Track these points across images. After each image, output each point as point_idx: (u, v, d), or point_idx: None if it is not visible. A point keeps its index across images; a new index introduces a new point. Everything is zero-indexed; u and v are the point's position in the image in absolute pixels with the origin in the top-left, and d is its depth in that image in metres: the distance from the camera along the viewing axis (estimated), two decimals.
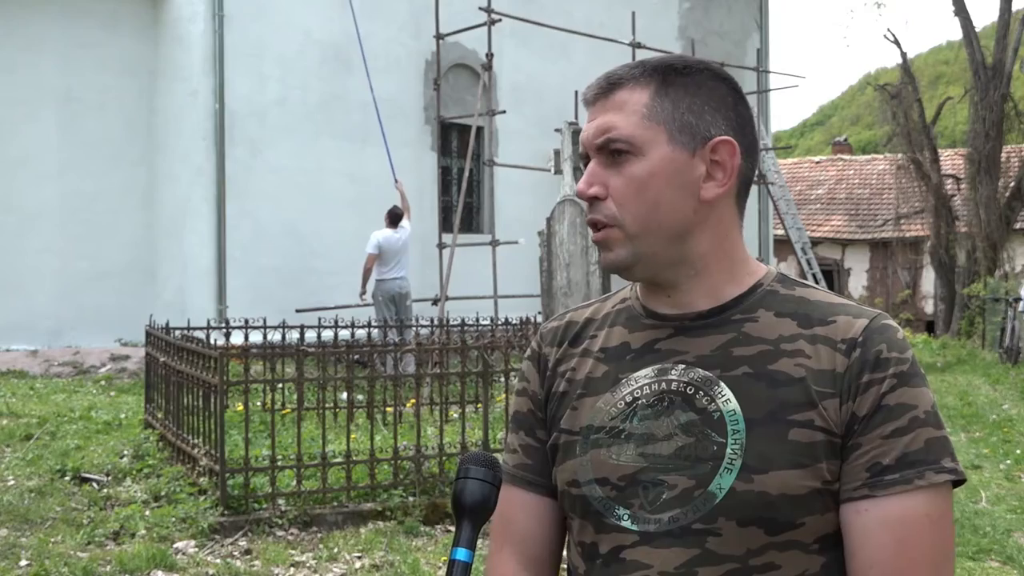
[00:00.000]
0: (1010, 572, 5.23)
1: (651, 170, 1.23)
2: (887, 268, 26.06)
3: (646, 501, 1.21)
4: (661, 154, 1.24)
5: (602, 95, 1.28)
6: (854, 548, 1.17)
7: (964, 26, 19.76)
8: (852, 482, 1.17)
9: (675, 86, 1.26)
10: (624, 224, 1.24)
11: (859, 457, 1.17)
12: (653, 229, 1.24)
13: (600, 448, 1.26)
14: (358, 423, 7.03)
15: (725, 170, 1.26)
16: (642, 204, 1.24)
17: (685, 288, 1.28)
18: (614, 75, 1.29)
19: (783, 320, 1.25)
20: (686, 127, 1.24)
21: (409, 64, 13.36)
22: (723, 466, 1.18)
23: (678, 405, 1.23)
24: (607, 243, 1.26)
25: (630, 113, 1.24)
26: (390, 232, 11.12)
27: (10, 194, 11.22)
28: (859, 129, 49.01)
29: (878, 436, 1.17)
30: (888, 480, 1.16)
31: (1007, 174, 19.92)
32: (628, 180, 1.24)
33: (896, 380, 1.19)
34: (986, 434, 9.06)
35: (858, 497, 1.17)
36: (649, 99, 1.25)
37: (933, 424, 1.19)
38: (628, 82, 1.27)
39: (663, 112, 1.24)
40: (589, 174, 1.27)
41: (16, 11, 11.33)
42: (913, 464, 1.16)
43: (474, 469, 1.15)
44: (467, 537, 1.12)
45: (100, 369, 10.87)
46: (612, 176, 1.25)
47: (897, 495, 1.15)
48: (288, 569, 4.83)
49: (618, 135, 1.24)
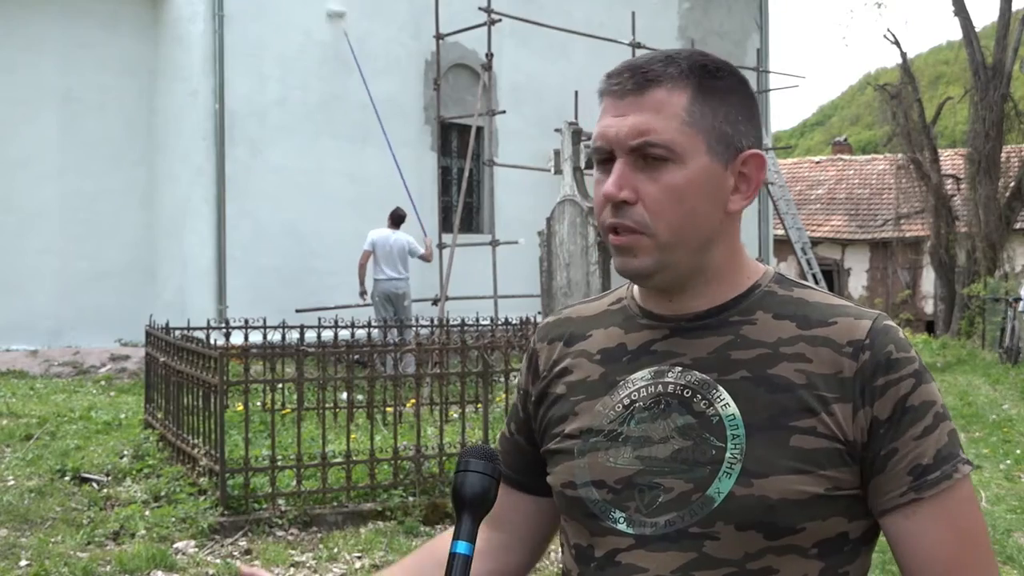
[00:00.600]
0: (1010, 572, 5.24)
1: (689, 180, 1.19)
2: (887, 268, 26.06)
3: (642, 504, 1.21)
4: (700, 164, 1.20)
5: (635, 91, 1.21)
6: (911, 551, 1.18)
7: (964, 26, 19.76)
8: (896, 488, 1.17)
9: (711, 92, 1.22)
10: (656, 233, 1.20)
11: (898, 463, 1.17)
12: (684, 239, 1.21)
13: (598, 451, 1.25)
14: (358, 423, 7.02)
15: (750, 183, 1.25)
16: (678, 214, 1.19)
17: (690, 293, 1.26)
18: (647, 70, 1.22)
19: (782, 322, 1.24)
20: (723, 138, 1.22)
21: (409, 64, 13.36)
22: (722, 470, 1.17)
23: (675, 408, 1.22)
24: (632, 249, 1.22)
25: (669, 117, 1.19)
26: (387, 232, 11.12)
27: (10, 194, 11.23)
28: (859, 129, 49.02)
29: (911, 438, 1.17)
30: (932, 480, 1.17)
31: (1007, 174, 19.92)
32: (665, 188, 1.19)
33: (914, 379, 1.19)
34: (986, 434, 9.06)
35: (906, 502, 1.17)
36: (688, 103, 1.20)
37: (948, 416, 1.21)
38: (665, 81, 1.21)
39: (703, 120, 1.20)
40: (619, 176, 1.20)
41: (16, 11, 11.33)
42: (947, 459, 1.18)
43: (474, 462, 1.14)
44: (467, 530, 1.11)
45: (100, 369, 10.87)
46: (645, 181, 1.20)
47: (943, 491, 1.17)
48: (288, 569, 4.83)
49: (658, 140, 1.19)
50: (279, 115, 12.14)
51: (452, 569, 1.08)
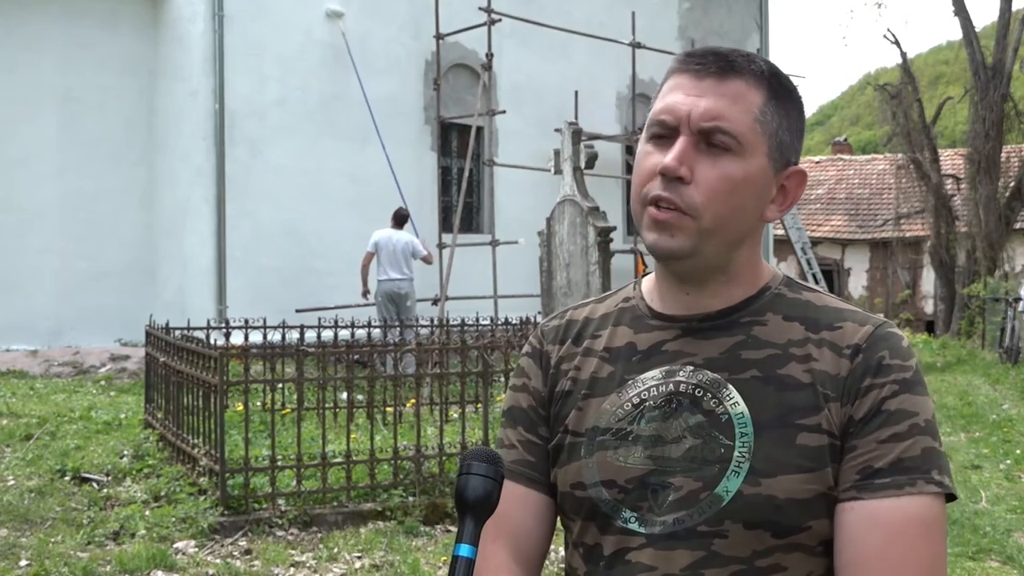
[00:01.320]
0: (1010, 572, 5.23)
1: (746, 175, 1.21)
2: (887, 268, 26.05)
3: (655, 504, 1.21)
4: (759, 164, 1.22)
5: (717, 75, 1.22)
6: (841, 546, 1.17)
7: (964, 26, 19.75)
8: (843, 483, 1.17)
9: (782, 99, 1.24)
10: (701, 217, 1.20)
11: (852, 459, 1.17)
12: (725, 232, 1.22)
13: (606, 450, 1.25)
14: (358, 423, 7.02)
15: (787, 197, 1.27)
16: (727, 204, 1.20)
17: (709, 291, 1.27)
18: (731, 58, 1.23)
19: (791, 324, 1.25)
20: (782, 146, 1.24)
21: (409, 64, 13.36)
22: (730, 469, 1.18)
23: (686, 407, 1.23)
24: (670, 227, 1.21)
25: (744, 110, 1.21)
26: (391, 232, 11.12)
27: (10, 194, 11.23)
28: (859, 129, 49.04)
29: (874, 440, 1.17)
30: (878, 484, 1.15)
31: (1007, 174, 19.92)
32: (724, 176, 1.20)
33: (898, 386, 1.19)
34: (986, 434, 9.06)
35: (847, 499, 1.16)
36: (763, 103, 1.22)
37: (931, 435, 1.18)
38: (746, 74, 1.22)
39: (771, 123, 1.22)
40: (681, 152, 1.20)
41: (16, 11, 11.33)
42: (907, 471, 1.15)
43: (477, 465, 1.13)
44: (470, 533, 1.11)
45: (100, 369, 10.87)
46: (703, 164, 1.20)
47: (886, 498, 1.15)
48: (288, 569, 4.82)
49: (731, 128, 1.20)
50: (279, 115, 12.14)
51: (455, 572, 1.08)
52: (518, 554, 1.33)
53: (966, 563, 5.25)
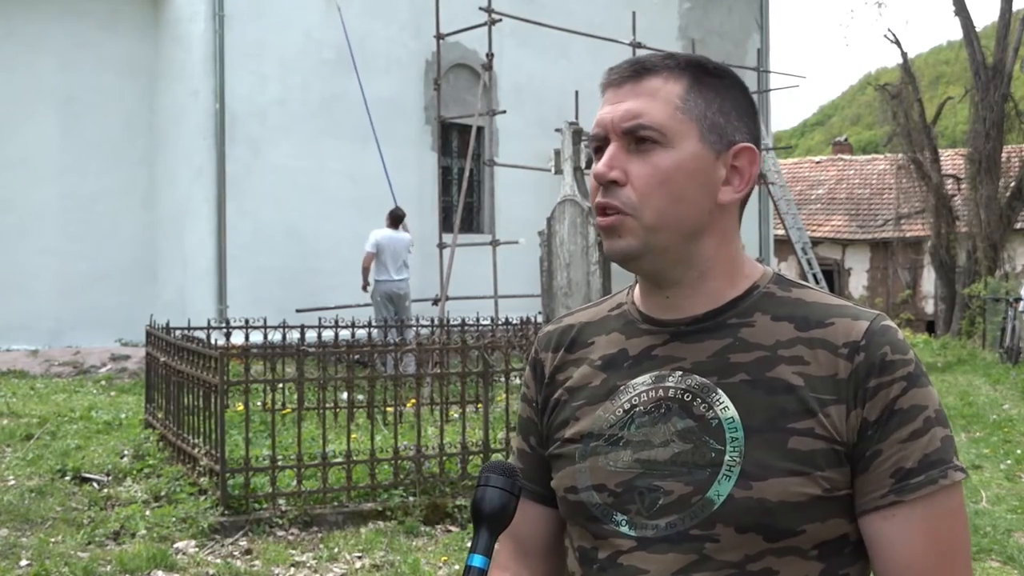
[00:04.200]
0: (1010, 572, 5.23)
1: (678, 163, 1.21)
2: (887, 268, 26.06)
3: (643, 507, 1.21)
4: (691, 150, 1.22)
5: (631, 79, 1.25)
6: (886, 553, 1.18)
7: (964, 26, 19.75)
8: (877, 490, 1.17)
9: (707, 86, 1.25)
10: (642, 214, 1.21)
11: (881, 464, 1.17)
12: (670, 223, 1.22)
13: (599, 455, 1.26)
14: (358, 423, 7.02)
15: (743, 177, 1.26)
16: (664, 196, 1.21)
17: (687, 291, 1.27)
18: (644, 61, 1.27)
19: (780, 324, 1.24)
20: (716, 128, 1.24)
21: (409, 64, 13.36)
22: (721, 473, 1.18)
23: (675, 412, 1.23)
24: (617, 230, 1.23)
25: (663, 103, 1.22)
26: (391, 232, 11.13)
27: (10, 194, 11.23)
28: (859, 129, 49.04)
29: (896, 440, 1.17)
30: (914, 483, 1.16)
31: (1007, 174, 19.91)
32: (654, 170, 1.21)
33: (906, 382, 1.18)
34: (986, 434, 9.06)
35: (886, 504, 1.17)
36: (683, 92, 1.23)
37: (943, 423, 1.20)
38: (661, 71, 1.25)
39: (696, 108, 1.23)
40: (610, 157, 1.23)
41: (16, 11, 11.34)
42: (935, 464, 1.17)
43: (494, 478, 1.16)
44: (484, 544, 1.12)
45: (100, 369, 10.87)
46: (634, 163, 1.22)
47: (925, 496, 1.16)
48: (288, 569, 4.82)
49: (650, 122, 1.21)
50: (279, 115, 12.14)
51: None
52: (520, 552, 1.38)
53: None
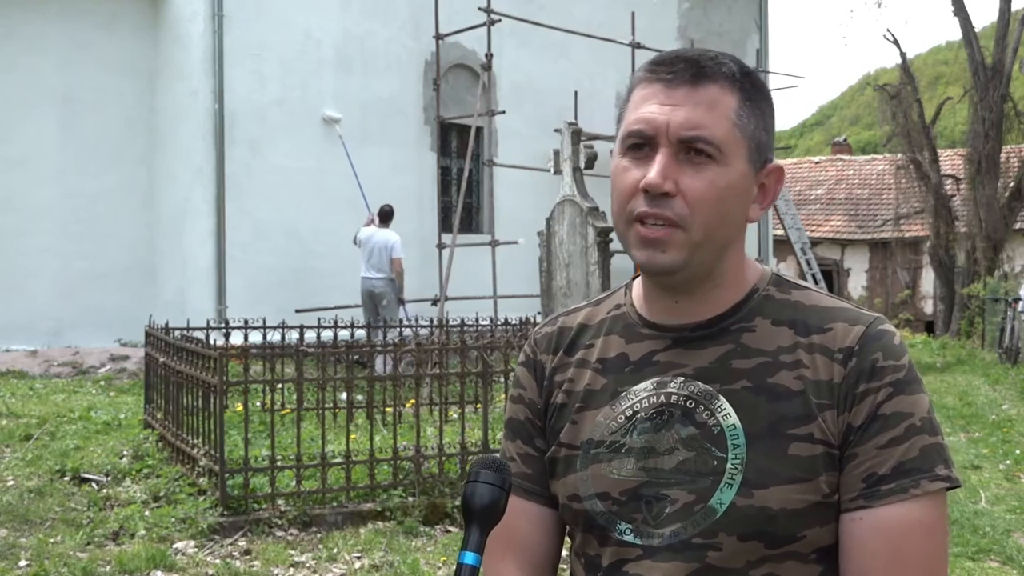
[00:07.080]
0: (1010, 572, 5.24)
1: (730, 182, 1.19)
2: (887, 268, 26.05)
3: (649, 516, 1.21)
4: (740, 169, 1.20)
5: (688, 82, 1.19)
6: (848, 556, 1.17)
7: (964, 26, 19.74)
8: (849, 493, 1.17)
9: (754, 102, 1.22)
10: (692, 229, 1.18)
11: (855, 468, 1.17)
12: (714, 240, 1.20)
13: (600, 463, 1.25)
14: (357, 423, 7.03)
15: (767, 195, 1.26)
16: (715, 213, 1.18)
17: (698, 297, 1.26)
18: (699, 62, 1.21)
19: (780, 329, 1.24)
20: (760, 146, 1.22)
21: (409, 64, 13.35)
22: (723, 481, 1.18)
23: (678, 419, 1.22)
24: (663, 243, 1.19)
25: (722, 117, 1.19)
26: (374, 230, 11.10)
27: (10, 194, 11.23)
28: (859, 129, 49.05)
29: (874, 446, 1.17)
30: (884, 490, 1.15)
31: (1007, 174, 19.91)
32: (710, 186, 1.18)
33: (892, 389, 1.18)
34: (986, 434, 9.06)
35: (854, 508, 1.16)
36: (738, 106, 1.20)
37: (928, 431, 1.18)
38: (717, 78, 1.20)
39: (748, 126, 1.21)
40: (664, 167, 1.17)
41: (16, 11, 11.33)
42: (908, 473, 1.16)
43: (484, 473, 1.14)
44: (475, 541, 1.11)
45: (100, 369, 10.87)
46: (687, 175, 1.18)
47: (892, 504, 1.15)
48: (288, 569, 4.83)
49: (712, 137, 1.17)
50: (279, 115, 12.13)
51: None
52: (529, 568, 1.34)
53: (966, 563, 5.26)
